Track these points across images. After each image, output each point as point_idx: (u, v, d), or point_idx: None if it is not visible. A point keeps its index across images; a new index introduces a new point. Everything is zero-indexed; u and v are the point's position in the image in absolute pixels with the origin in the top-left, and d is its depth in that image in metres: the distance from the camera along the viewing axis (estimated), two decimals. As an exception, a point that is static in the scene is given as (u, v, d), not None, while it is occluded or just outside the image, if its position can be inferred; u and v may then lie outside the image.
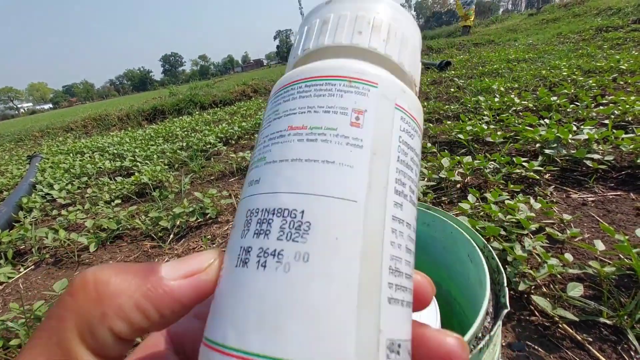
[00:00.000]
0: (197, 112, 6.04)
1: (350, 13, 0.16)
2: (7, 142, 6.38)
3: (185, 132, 3.68)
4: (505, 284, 0.34)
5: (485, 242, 0.41)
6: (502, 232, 0.86)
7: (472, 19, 9.81)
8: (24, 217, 1.87)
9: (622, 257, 0.80)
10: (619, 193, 1.10)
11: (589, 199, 1.10)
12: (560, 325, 0.67)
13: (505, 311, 0.31)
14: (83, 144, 4.16)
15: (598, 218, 0.99)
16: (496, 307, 0.33)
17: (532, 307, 0.73)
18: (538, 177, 1.24)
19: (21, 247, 1.58)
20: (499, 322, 0.30)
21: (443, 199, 1.27)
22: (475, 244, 0.41)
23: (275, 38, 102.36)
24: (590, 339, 0.64)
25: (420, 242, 0.56)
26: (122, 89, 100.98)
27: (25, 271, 1.41)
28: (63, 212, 1.70)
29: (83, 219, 1.64)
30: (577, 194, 1.14)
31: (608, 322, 0.65)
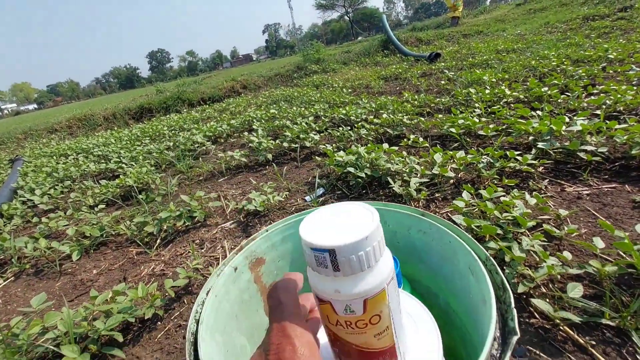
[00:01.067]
0: (185, 110, 5.92)
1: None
2: (-11, 145, 6.18)
3: (173, 131, 3.59)
4: (513, 305, 0.30)
5: (488, 255, 0.38)
6: (499, 231, 0.83)
7: (460, 10, 9.78)
8: (3, 225, 1.79)
9: (621, 253, 0.77)
10: (613, 185, 1.08)
11: (584, 192, 1.08)
12: (561, 328, 0.65)
13: (516, 338, 0.28)
14: (67, 145, 4.04)
15: (595, 213, 0.96)
16: (503, 331, 0.30)
17: (532, 309, 0.70)
18: (532, 170, 1.21)
19: (0, 258, 1.51)
20: (509, 352, 0.27)
21: (437, 195, 1.24)
22: (476, 256, 0.38)
23: (264, 32, 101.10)
24: (594, 342, 0.61)
25: (416, 250, 0.53)
26: (109, 87, 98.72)
27: (4, 283, 1.34)
28: (44, 219, 1.63)
29: (65, 226, 1.58)
30: (571, 187, 1.12)
31: (611, 323, 0.63)
